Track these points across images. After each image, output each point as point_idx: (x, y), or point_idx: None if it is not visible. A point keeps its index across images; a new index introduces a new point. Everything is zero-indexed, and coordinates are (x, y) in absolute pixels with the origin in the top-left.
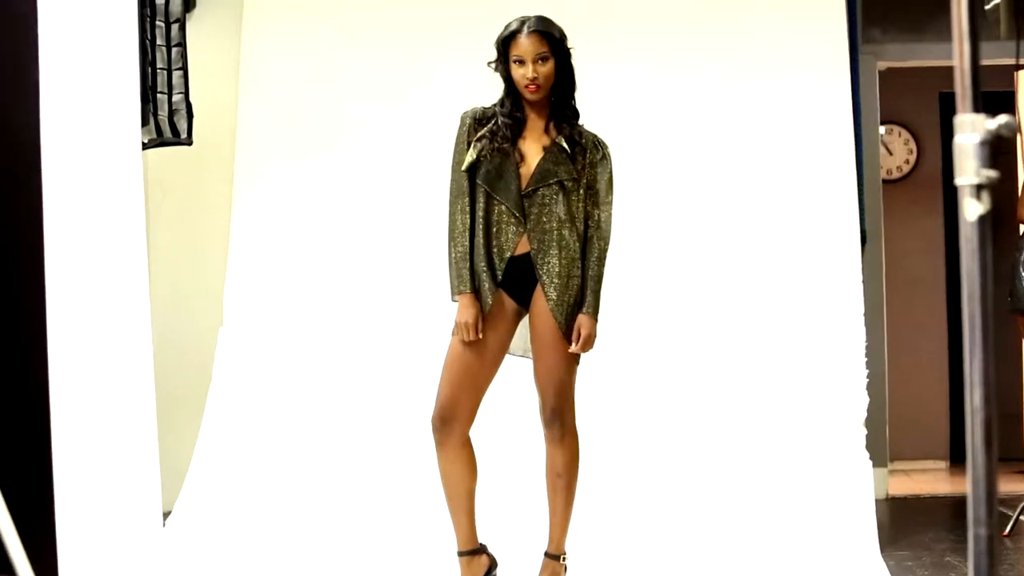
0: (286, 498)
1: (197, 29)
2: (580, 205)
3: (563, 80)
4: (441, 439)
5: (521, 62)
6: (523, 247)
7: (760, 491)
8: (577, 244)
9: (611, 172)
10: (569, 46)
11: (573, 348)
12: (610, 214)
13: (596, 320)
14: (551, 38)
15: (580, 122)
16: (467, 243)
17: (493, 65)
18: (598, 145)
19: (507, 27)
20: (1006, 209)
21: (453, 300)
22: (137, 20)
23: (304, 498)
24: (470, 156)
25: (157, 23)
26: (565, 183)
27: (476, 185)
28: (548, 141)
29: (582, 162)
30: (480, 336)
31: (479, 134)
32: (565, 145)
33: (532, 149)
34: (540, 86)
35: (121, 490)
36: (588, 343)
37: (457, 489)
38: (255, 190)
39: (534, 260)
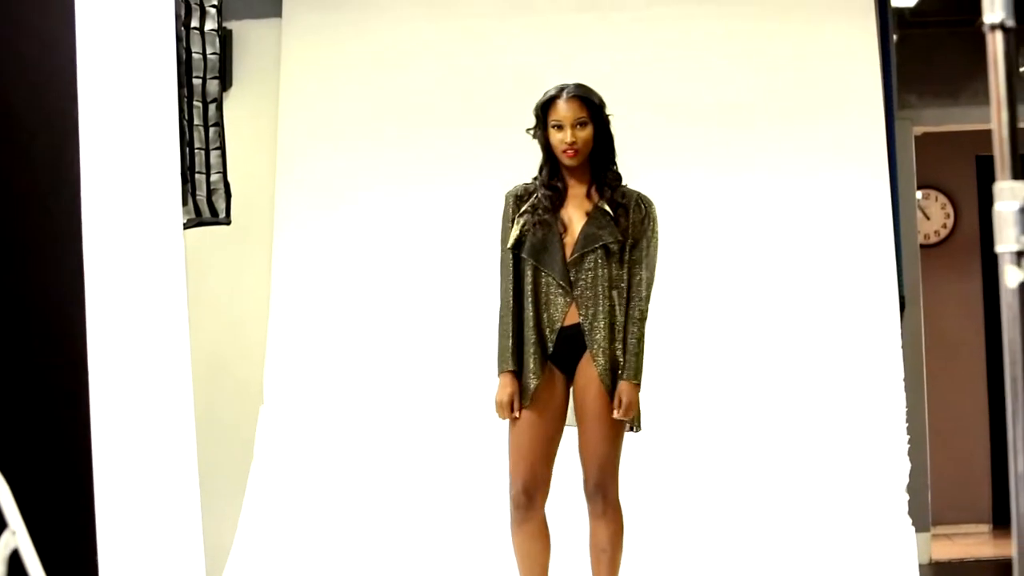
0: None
1: (234, 108)
2: (627, 267)
3: (602, 145)
4: (525, 516)
5: (560, 127)
6: (572, 317)
7: (806, 559)
8: (623, 307)
9: (655, 230)
10: (608, 113)
11: (616, 415)
12: (652, 275)
13: (638, 386)
14: (590, 103)
15: (624, 183)
16: (509, 322)
17: (532, 132)
18: (641, 203)
19: (545, 93)
20: None
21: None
22: (176, 100)
23: (346, 574)
24: (515, 233)
25: (194, 103)
26: (610, 246)
27: (522, 260)
28: (591, 206)
29: (626, 223)
30: (517, 415)
31: (522, 210)
32: (607, 208)
33: (575, 216)
34: (579, 151)
35: (165, 569)
36: (629, 410)
37: (536, 567)
38: (294, 268)
39: (583, 329)
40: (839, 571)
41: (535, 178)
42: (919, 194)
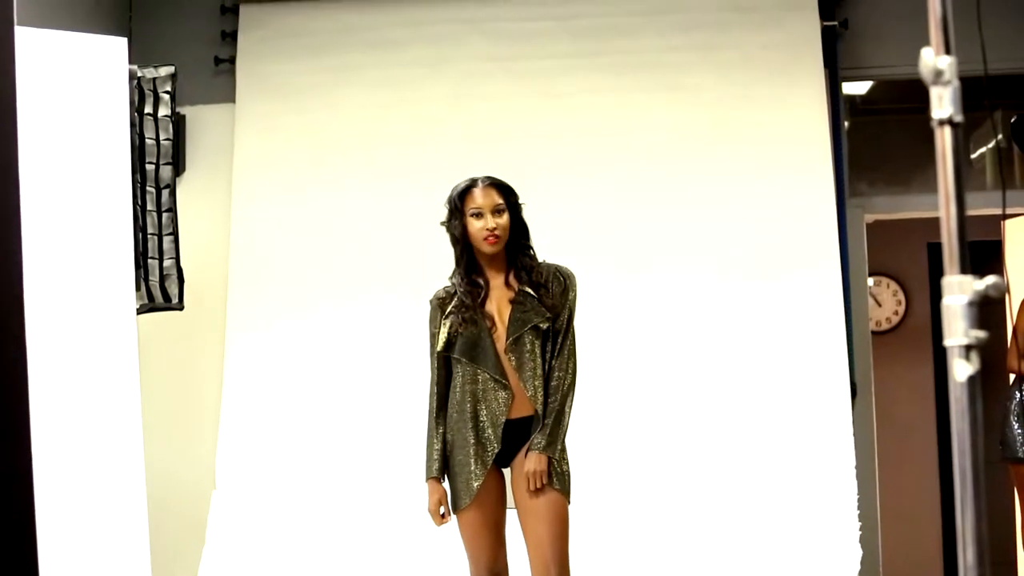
0: None
1: (187, 193)
2: (551, 340)
3: (517, 231)
4: None
5: (479, 215)
6: (517, 410)
7: None
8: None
9: (572, 299)
10: (520, 201)
11: (529, 488)
12: (574, 345)
13: (550, 458)
14: (506, 190)
15: (540, 261)
16: (434, 428)
17: (446, 224)
18: (560, 275)
19: (456, 186)
20: (996, 357)
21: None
22: (129, 186)
23: None
24: (443, 336)
25: (148, 188)
26: (540, 326)
27: (456, 361)
28: (513, 293)
29: (549, 300)
30: (447, 519)
31: (446, 312)
32: (529, 290)
33: (501, 307)
34: (499, 237)
35: None
36: (537, 479)
37: None
38: (246, 352)
39: (537, 415)
40: None
41: (451, 279)
42: (870, 281)
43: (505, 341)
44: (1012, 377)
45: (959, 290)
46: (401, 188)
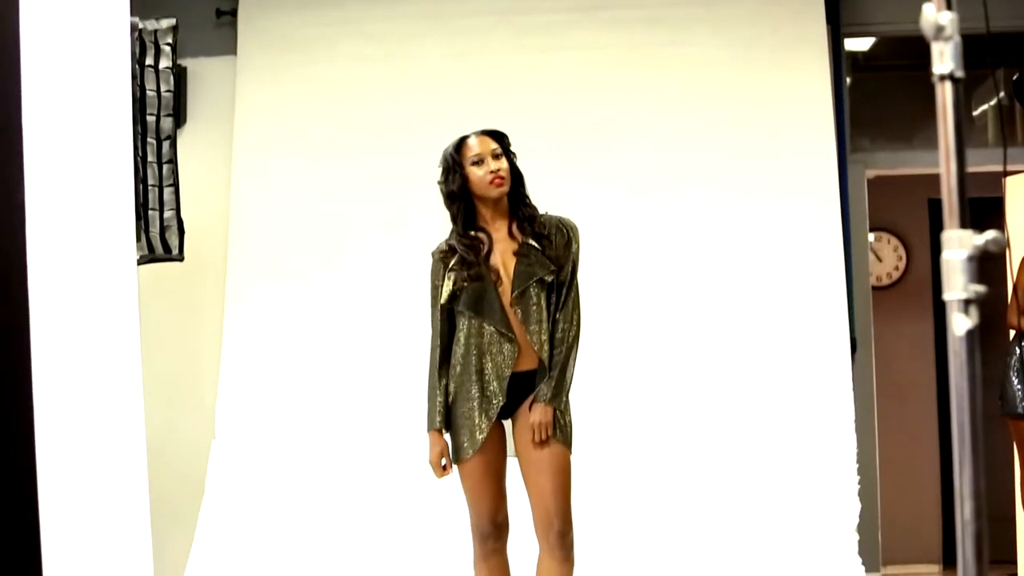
0: None
1: (188, 145)
2: (556, 292)
3: (515, 181)
4: (494, 548)
5: (479, 162)
6: (523, 363)
7: None
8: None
9: (576, 251)
10: (513, 150)
11: (534, 439)
12: (578, 297)
13: (555, 409)
14: (500, 136)
15: (542, 212)
16: (436, 381)
17: (444, 182)
18: (563, 227)
19: (450, 143)
20: (996, 313)
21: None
22: (130, 138)
23: None
24: (447, 289)
25: (148, 140)
26: (545, 279)
27: (460, 314)
28: (517, 245)
29: (553, 252)
30: (448, 472)
31: (450, 265)
32: (533, 242)
33: (505, 260)
34: (504, 178)
35: None
36: (542, 430)
37: None
38: (247, 304)
39: (543, 366)
40: None
41: (449, 240)
42: (871, 236)
43: (511, 294)
44: (1012, 333)
45: (959, 244)
46: (403, 140)
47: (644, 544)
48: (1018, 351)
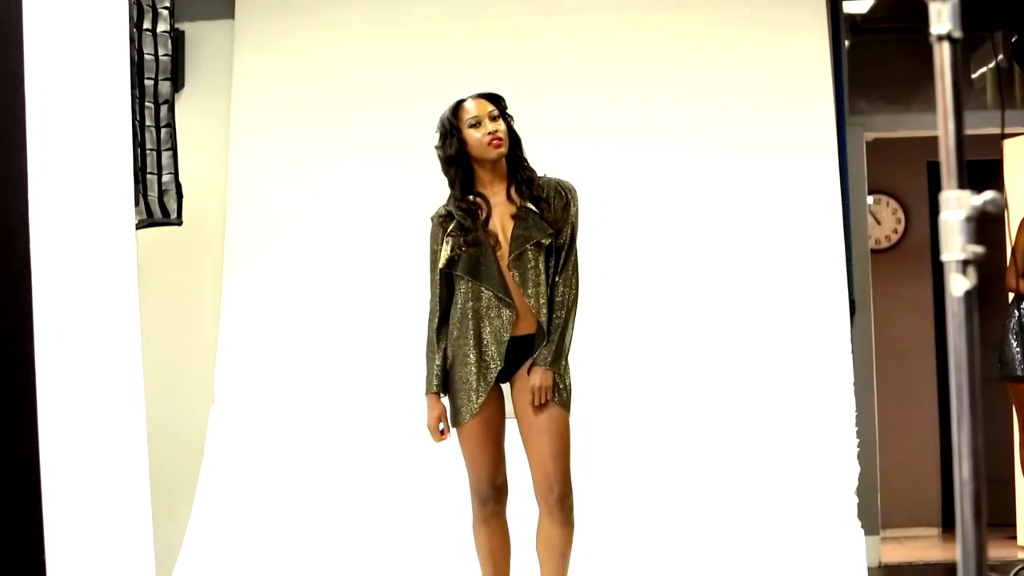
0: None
1: (186, 109)
2: (555, 256)
3: (513, 144)
4: (493, 511)
5: (477, 124)
6: (521, 328)
7: (753, 561)
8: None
9: (574, 214)
10: (509, 113)
11: (534, 402)
12: (577, 260)
13: (554, 373)
14: (496, 99)
15: (541, 174)
16: (434, 345)
17: (441, 147)
18: (561, 190)
19: (447, 107)
20: (995, 275)
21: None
22: (128, 102)
23: (303, 569)
24: (445, 253)
25: (146, 104)
26: (542, 241)
27: (459, 278)
28: (515, 208)
29: (551, 215)
30: (447, 436)
31: (449, 230)
32: (531, 205)
33: (504, 224)
34: (502, 139)
35: (115, 570)
36: (542, 394)
37: (501, 564)
38: (245, 268)
39: (541, 330)
40: (788, 574)
41: (447, 205)
42: (870, 199)
43: (508, 258)
44: (1011, 296)
45: (957, 205)
46: (402, 104)
47: (644, 505)
48: (1017, 314)
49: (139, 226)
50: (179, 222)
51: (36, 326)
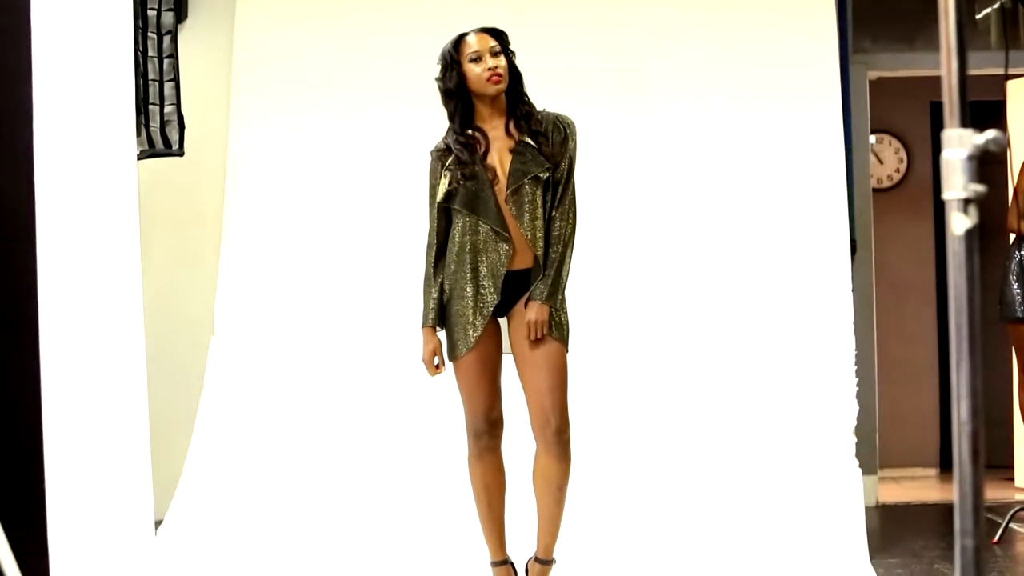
0: (278, 506)
1: (188, 40)
2: (552, 189)
3: (514, 80)
4: (488, 445)
5: (477, 59)
6: (518, 262)
7: (750, 499)
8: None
9: (574, 147)
10: (512, 49)
11: (530, 337)
12: (574, 195)
13: (551, 307)
14: (498, 34)
15: (540, 109)
16: (431, 279)
17: (439, 80)
18: (560, 124)
19: (448, 41)
20: (996, 216)
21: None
22: (131, 32)
23: (296, 506)
24: (443, 187)
25: (149, 35)
26: (540, 176)
27: (456, 212)
28: (513, 143)
29: (548, 148)
30: (442, 370)
31: (447, 164)
32: (529, 140)
33: (502, 158)
34: (502, 76)
35: (113, 498)
36: (538, 328)
37: (496, 499)
38: (246, 200)
39: (538, 264)
40: (785, 513)
41: (446, 138)
42: (872, 138)
43: (505, 191)
44: (1012, 237)
45: (959, 143)
46: (406, 37)
47: (642, 441)
48: (1017, 255)
49: (140, 157)
50: (181, 153)
51: (39, 257)
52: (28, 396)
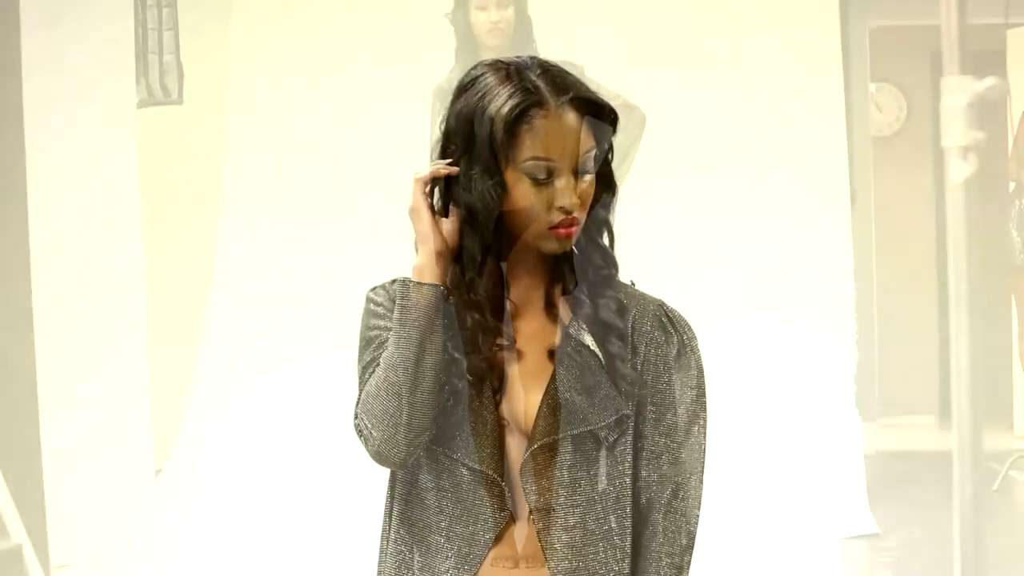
0: (277, 455)
1: None
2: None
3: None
4: None
5: (483, 7)
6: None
7: (749, 445)
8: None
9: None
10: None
11: None
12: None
13: None
14: None
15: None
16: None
17: (450, 15)
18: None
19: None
20: (997, 165)
21: None
22: None
23: (296, 455)
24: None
25: None
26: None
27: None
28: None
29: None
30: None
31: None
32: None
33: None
34: (503, 32)
35: (113, 446)
36: None
37: None
38: (245, 149)
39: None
40: (784, 461)
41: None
42: (872, 87)
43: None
44: (1012, 186)
45: (958, 90)
46: None
47: None
48: (1018, 204)
49: (139, 105)
50: (179, 102)
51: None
52: (24, 342)
